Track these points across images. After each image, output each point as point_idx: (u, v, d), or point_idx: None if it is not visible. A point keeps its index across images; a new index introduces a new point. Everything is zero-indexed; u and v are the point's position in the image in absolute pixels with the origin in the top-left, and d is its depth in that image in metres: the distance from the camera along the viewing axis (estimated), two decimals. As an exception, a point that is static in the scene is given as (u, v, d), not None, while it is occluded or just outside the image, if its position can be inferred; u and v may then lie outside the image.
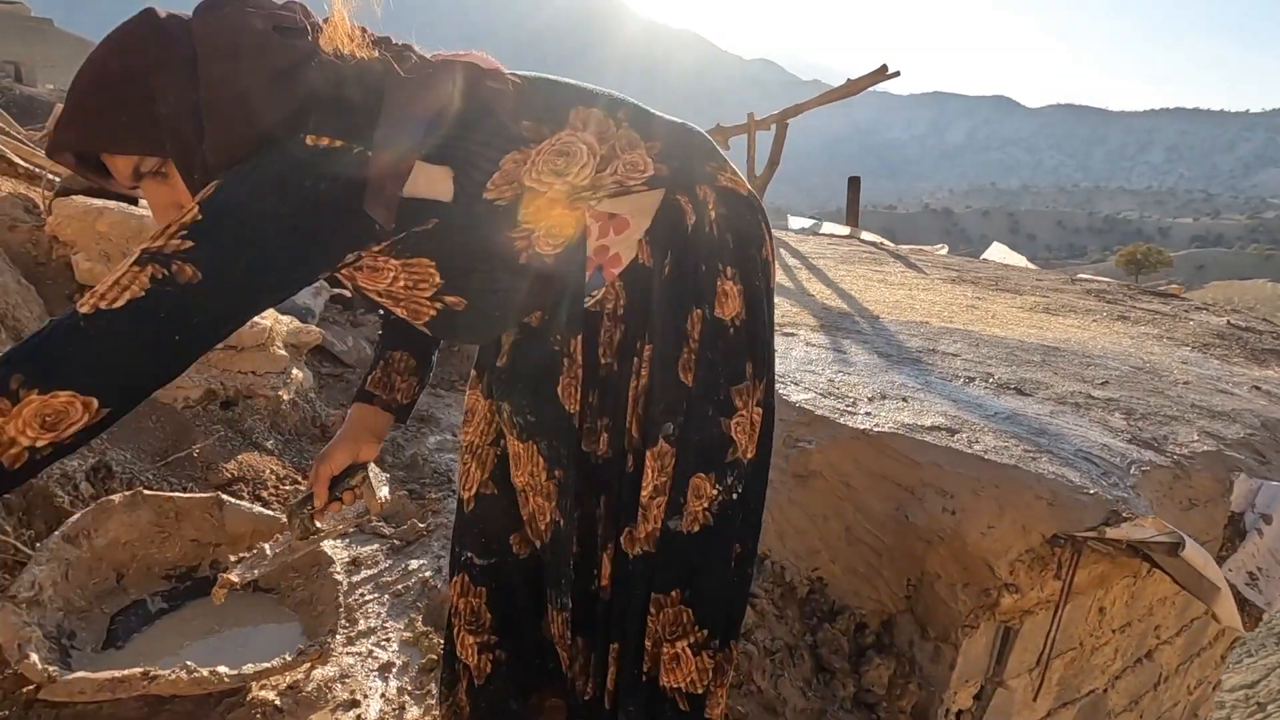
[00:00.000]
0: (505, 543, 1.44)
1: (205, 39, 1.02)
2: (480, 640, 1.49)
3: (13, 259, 2.58)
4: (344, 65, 1.06)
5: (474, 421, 1.45)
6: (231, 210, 0.97)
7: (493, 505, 1.43)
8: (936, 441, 2.13)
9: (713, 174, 1.27)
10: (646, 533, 1.32)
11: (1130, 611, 2.42)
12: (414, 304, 1.23)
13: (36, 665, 1.57)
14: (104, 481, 2.24)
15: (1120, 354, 3.34)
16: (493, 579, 1.47)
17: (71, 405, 0.91)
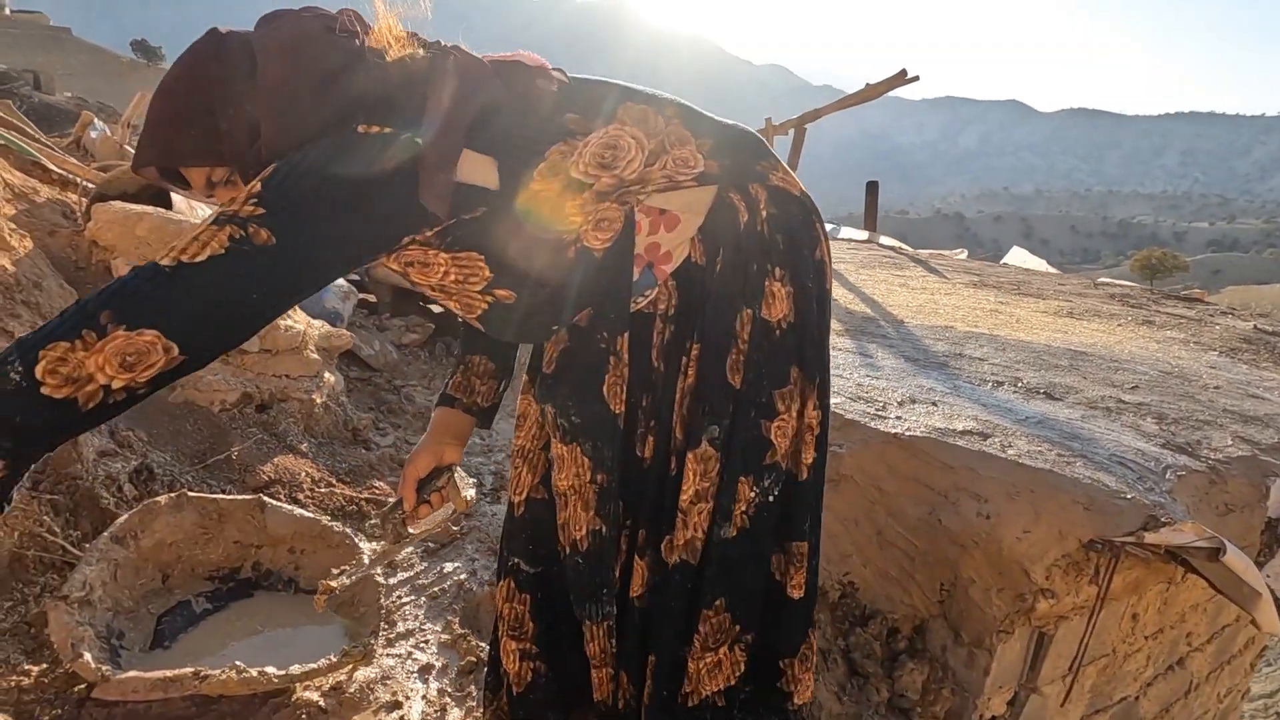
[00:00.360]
0: (553, 549, 1.42)
1: (262, 47, 1.08)
2: (522, 648, 1.49)
3: (54, 264, 2.62)
4: (391, 64, 1.11)
5: (525, 426, 1.46)
6: (292, 185, 1.02)
7: (543, 510, 1.42)
8: (969, 446, 2.14)
9: (764, 173, 1.27)
10: (685, 540, 1.31)
11: (1163, 618, 2.41)
12: (466, 298, 1.25)
13: (90, 664, 1.60)
14: (146, 483, 2.27)
15: (1148, 358, 3.33)
16: (538, 587, 1.45)
17: (154, 346, 0.94)
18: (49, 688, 1.70)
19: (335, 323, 3.69)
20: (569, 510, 1.34)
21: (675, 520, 1.31)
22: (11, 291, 2.22)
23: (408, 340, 4.27)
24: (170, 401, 2.65)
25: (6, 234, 2.40)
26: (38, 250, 2.55)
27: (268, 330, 2.90)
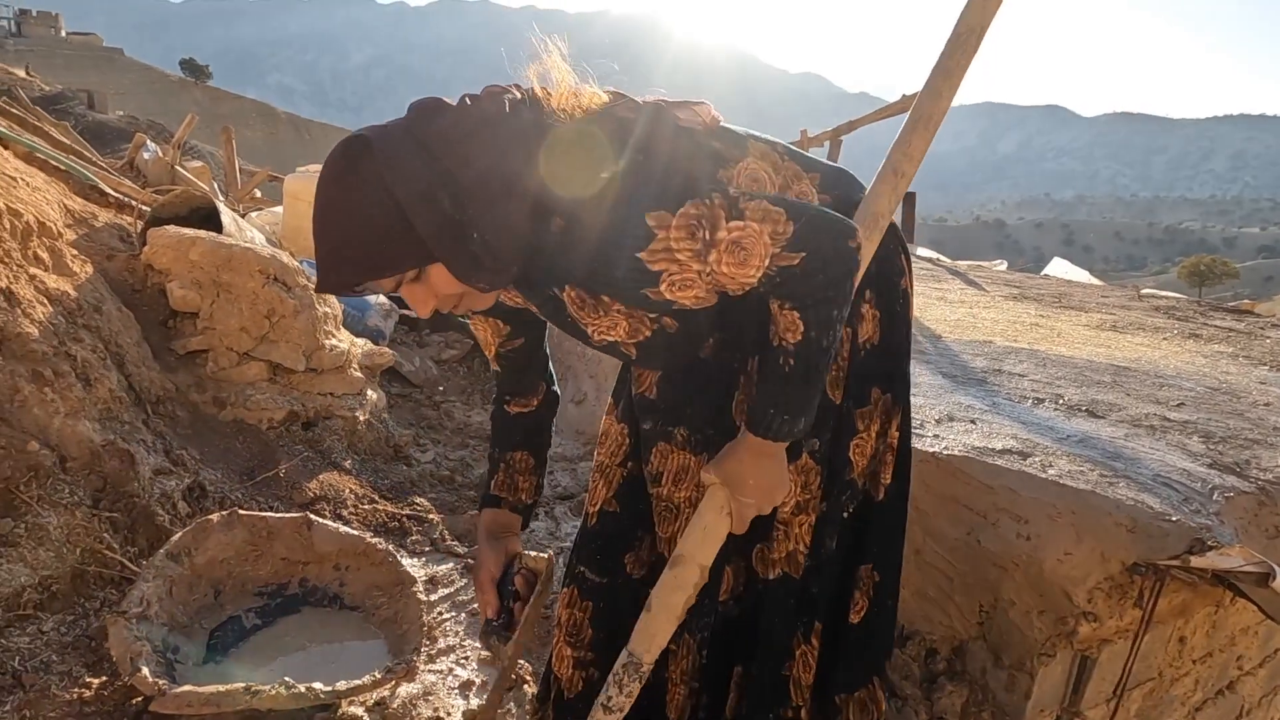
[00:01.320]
0: (619, 562, 1.49)
1: (440, 134, 1.01)
2: (577, 655, 1.52)
3: (112, 287, 2.73)
4: (582, 124, 1.10)
5: (606, 444, 1.51)
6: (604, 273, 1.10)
7: (613, 523, 1.48)
8: (1008, 465, 2.12)
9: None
10: (786, 552, 1.35)
11: (1211, 641, 2.36)
12: (638, 321, 1.25)
13: (148, 678, 1.66)
14: (199, 500, 2.35)
15: (1194, 374, 3.27)
16: (601, 597, 1.50)
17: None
18: (109, 700, 1.77)
19: (378, 340, 3.77)
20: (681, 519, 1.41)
21: (772, 532, 1.34)
22: (74, 316, 2.32)
23: (447, 356, 4.34)
24: (220, 420, 2.74)
25: (69, 259, 2.51)
26: (97, 274, 2.66)
27: (314, 350, 2.98)
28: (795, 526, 1.34)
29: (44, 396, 2.04)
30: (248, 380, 2.82)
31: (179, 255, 2.80)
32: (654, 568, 1.47)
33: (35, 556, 1.88)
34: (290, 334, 2.88)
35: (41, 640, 1.84)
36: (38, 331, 2.12)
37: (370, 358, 3.32)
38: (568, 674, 1.53)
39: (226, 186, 6.92)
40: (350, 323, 3.70)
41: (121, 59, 64.37)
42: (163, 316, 2.83)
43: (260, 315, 2.83)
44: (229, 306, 2.79)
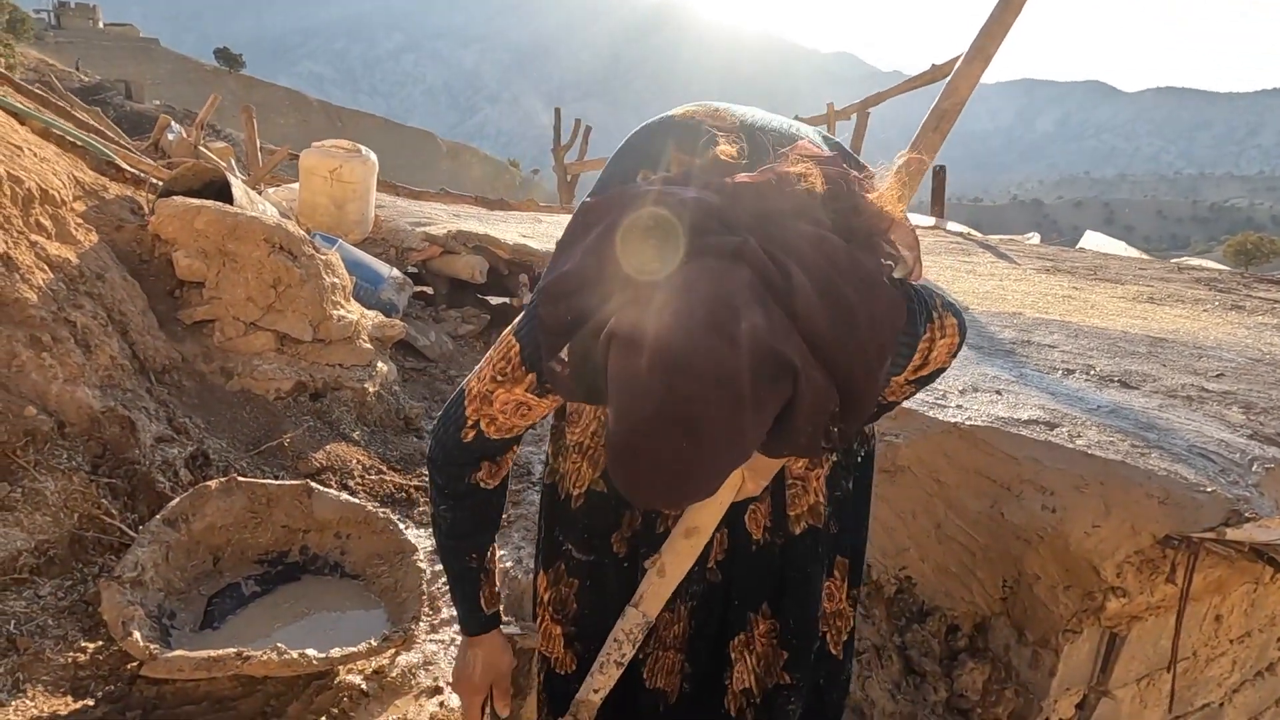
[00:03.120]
0: (607, 541, 1.43)
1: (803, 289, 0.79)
2: (566, 632, 1.48)
3: (119, 257, 2.72)
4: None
5: (580, 423, 1.44)
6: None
7: (601, 502, 1.41)
8: (1034, 436, 2.02)
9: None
10: (808, 506, 1.32)
11: (1250, 620, 2.25)
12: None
13: (139, 642, 1.64)
14: (202, 469, 2.33)
15: (1236, 345, 3.12)
16: (588, 575, 1.45)
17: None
18: (103, 664, 1.75)
19: (391, 314, 3.74)
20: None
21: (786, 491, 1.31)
22: (75, 283, 2.30)
23: (463, 331, 4.31)
24: (227, 390, 2.72)
25: (73, 227, 2.49)
26: (103, 244, 2.64)
27: (321, 320, 2.95)
28: (812, 480, 1.31)
29: (42, 362, 2.03)
30: (254, 350, 2.80)
31: (185, 224, 2.77)
32: (631, 545, 1.42)
33: (32, 521, 1.86)
34: (297, 304, 2.85)
35: (38, 605, 1.82)
36: (36, 297, 2.10)
37: (381, 330, 3.29)
38: (559, 653, 1.49)
39: (248, 165, 6.96)
40: (363, 295, 3.67)
41: (158, 49, 65.37)
42: (170, 286, 2.81)
43: (266, 285, 2.80)
44: (235, 276, 2.77)
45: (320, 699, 1.79)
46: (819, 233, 0.84)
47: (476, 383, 1.17)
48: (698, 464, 0.77)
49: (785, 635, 1.38)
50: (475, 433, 1.19)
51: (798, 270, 0.79)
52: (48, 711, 1.61)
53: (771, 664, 1.40)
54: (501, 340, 1.14)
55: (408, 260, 4.59)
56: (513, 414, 1.17)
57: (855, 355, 0.80)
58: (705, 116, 1.14)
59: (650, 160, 1.13)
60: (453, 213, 6.07)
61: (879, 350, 0.84)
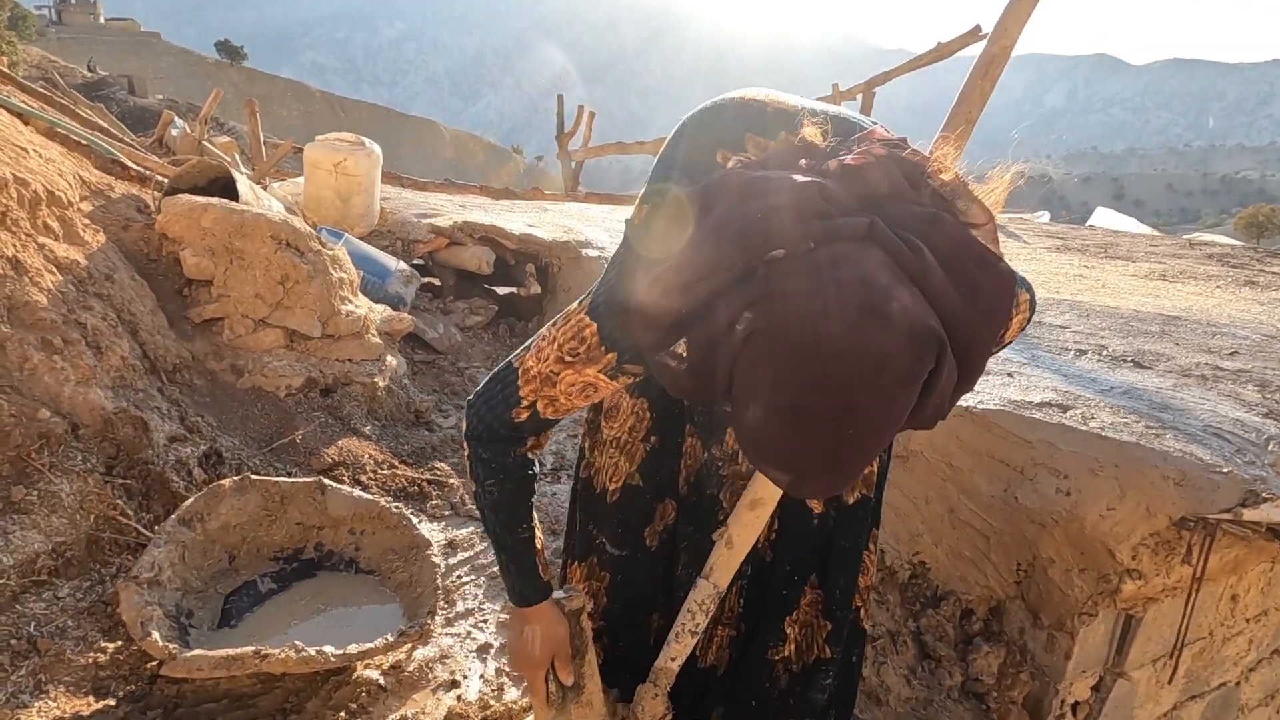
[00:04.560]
0: (640, 535, 1.43)
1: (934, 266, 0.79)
2: (596, 626, 1.49)
3: (127, 256, 2.72)
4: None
5: (618, 418, 1.42)
6: None
7: (636, 496, 1.42)
8: (1047, 418, 2.01)
9: None
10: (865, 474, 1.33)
11: (1266, 599, 2.24)
12: None
13: (158, 642, 1.65)
14: (215, 467, 2.34)
15: (1250, 321, 3.09)
16: (620, 569, 1.46)
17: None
18: (123, 665, 1.77)
19: (398, 307, 3.74)
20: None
21: None
22: (84, 284, 2.31)
23: (471, 323, 4.30)
24: (238, 387, 2.73)
25: (80, 228, 2.49)
26: (110, 244, 2.64)
27: (329, 316, 2.95)
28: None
29: (54, 364, 2.03)
30: (264, 347, 2.80)
31: (191, 223, 2.77)
32: (663, 539, 1.43)
33: (49, 523, 1.87)
34: (305, 300, 2.85)
35: (57, 606, 1.84)
36: (46, 300, 2.11)
37: (389, 324, 3.29)
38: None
39: (252, 160, 6.96)
40: (370, 289, 3.67)
41: (159, 43, 65.22)
42: (178, 285, 2.82)
43: (274, 281, 2.80)
44: (242, 273, 2.77)
45: (338, 695, 1.80)
46: (933, 212, 0.84)
47: (536, 363, 1.13)
48: (860, 446, 0.78)
49: (830, 606, 1.38)
50: (530, 413, 1.17)
51: (926, 249, 0.79)
52: (70, 712, 1.62)
53: (814, 635, 1.41)
54: (567, 319, 1.10)
55: (414, 252, 4.59)
56: (577, 395, 1.14)
57: (979, 330, 0.81)
58: (767, 101, 1.11)
59: (726, 141, 1.08)
60: (458, 203, 6.06)
61: (998, 325, 0.84)
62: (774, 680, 1.40)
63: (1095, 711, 2.00)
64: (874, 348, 0.73)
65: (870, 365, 0.73)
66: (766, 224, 0.79)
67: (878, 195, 0.84)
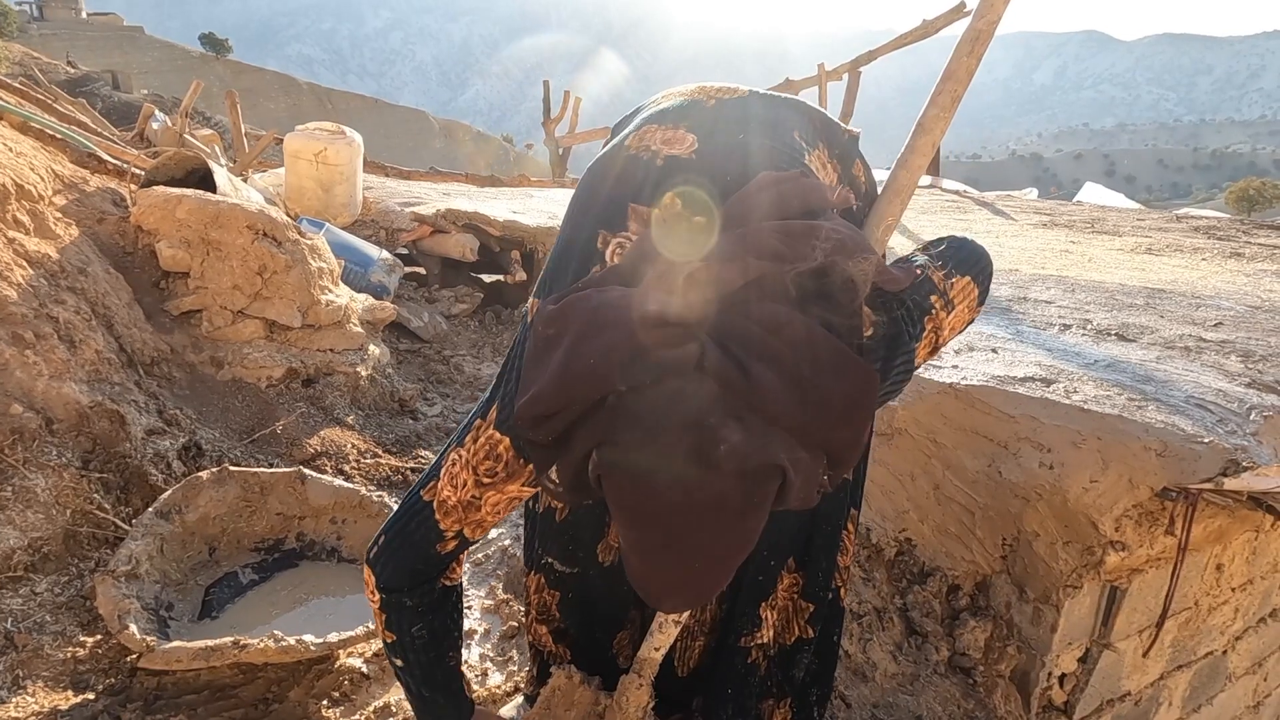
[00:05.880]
0: (592, 551, 1.39)
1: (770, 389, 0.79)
2: (553, 628, 1.46)
3: (102, 249, 2.69)
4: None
5: None
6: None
7: (587, 514, 1.37)
8: (1030, 393, 2.00)
9: None
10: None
11: (1252, 568, 2.24)
12: None
13: (136, 635, 1.63)
14: (195, 459, 2.32)
15: (1235, 293, 3.08)
16: (570, 587, 1.41)
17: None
18: (103, 658, 1.75)
19: (382, 296, 3.71)
20: None
21: None
22: (56, 278, 2.28)
23: (457, 311, 4.28)
24: (218, 379, 2.71)
25: (52, 222, 2.46)
26: (84, 237, 2.61)
27: (310, 306, 2.93)
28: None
29: (26, 359, 2.01)
30: (244, 339, 2.78)
31: (166, 214, 2.74)
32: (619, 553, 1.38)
33: (24, 519, 1.86)
34: (284, 290, 2.83)
35: (35, 601, 1.82)
36: (16, 294, 2.08)
37: (372, 313, 3.26)
38: (551, 646, 1.48)
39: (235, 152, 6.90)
40: (353, 279, 3.64)
41: (143, 37, 64.59)
42: (155, 278, 2.79)
43: (252, 272, 2.77)
44: (220, 264, 2.74)
45: (321, 683, 1.79)
46: (779, 315, 0.82)
47: (453, 492, 1.07)
48: (712, 573, 0.82)
49: (811, 588, 1.37)
50: (458, 541, 1.13)
51: (762, 369, 0.78)
52: (48, 707, 1.61)
53: (793, 618, 1.40)
54: (475, 436, 1.05)
55: (398, 241, 4.55)
56: (504, 510, 1.11)
57: (834, 433, 0.81)
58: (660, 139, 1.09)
59: (607, 215, 1.06)
60: (442, 191, 6.01)
61: (860, 422, 0.84)
62: (751, 666, 1.38)
63: (1082, 683, 2.00)
64: (705, 494, 0.75)
65: (704, 510, 0.75)
66: (606, 363, 0.79)
67: (731, 299, 0.83)
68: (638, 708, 1.30)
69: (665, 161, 1.07)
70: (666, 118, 1.13)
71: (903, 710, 1.96)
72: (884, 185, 1.25)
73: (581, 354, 0.81)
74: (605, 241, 1.04)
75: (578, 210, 1.13)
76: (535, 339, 0.89)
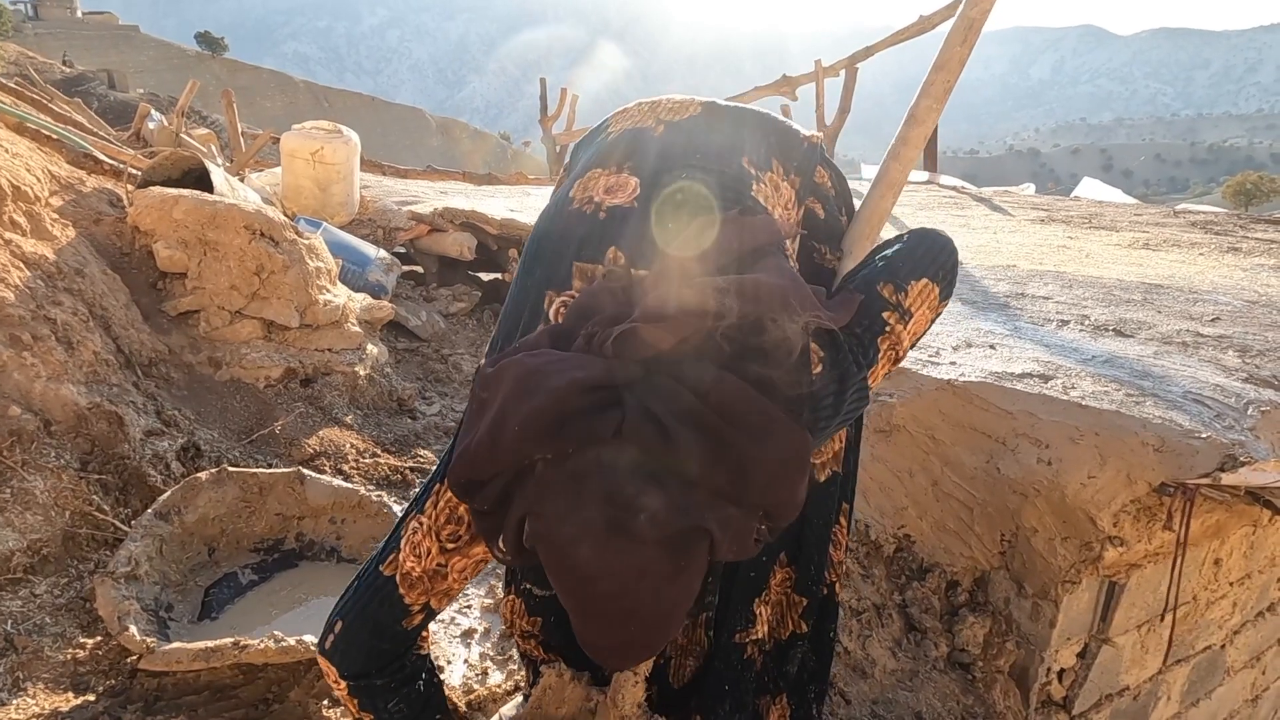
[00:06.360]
0: None
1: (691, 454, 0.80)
2: (540, 642, 1.44)
3: (99, 250, 2.68)
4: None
5: None
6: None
7: None
8: (1028, 389, 2.01)
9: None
10: (833, 453, 1.30)
11: (1250, 563, 2.25)
12: None
13: (135, 636, 1.64)
14: (193, 460, 2.32)
15: (1232, 288, 3.09)
16: (550, 611, 1.36)
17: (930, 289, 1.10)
18: (103, 660, 1.76)
19: (379, 295, 3.71)
20: None
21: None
22: (53, 279, 2.27)
23: (455, 309, 4.28)
24: (216, 380, 2.71)
25: (49, 223, 2.46)
26: (81, 238, 2.61)
27: (307, 305, 2.93)
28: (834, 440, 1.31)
29: (23, 361, 2.01)
30: (241, 339, 2.78)
31: (163, 215, 2.74)
32: None
33: (23, 520, 1.86)
34: (281, 290, 2.82)
35: (34, 603, 1.82)
36: (13, 296, 2.08)
37: (370, 312, 3.26)
38: (541, 655, 1.47)
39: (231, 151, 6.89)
40: (350, 278, 3.64)
41: (139, 36, 64.41)
42: (152, 279, 2.78)
43: (249, 272, 2.77)
44: (217, 265, 2.74)
45: (321, 683, 1.79)
46: (705, 378, 0.82)
47: (416, 562, 1.05)
48: (650, 634, 0.83)
49: (803, 582, 1.37)
50: (424, 615, 1.11)
51: (685, 433, 0.78)
52: (49, 708, 1.61)
53: (786, 613, 1.40)
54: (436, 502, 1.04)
55: (395, 240, 4.55)
56: (470, 574, 1.09)
57: (763, 495, 0.81)
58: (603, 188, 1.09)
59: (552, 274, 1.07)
60: (439, 190, 6.01)
61: (792, 484, 0.83)
62: (748, 662, 1.38)
63: (1081, 678, 2.00)
64: (626, 563, 0.76)
65: (630, 580, 0.77)
66: (529, 430, 0.79)
67: (661, 353, 0.84)
68: (633, 704, 1.30)
69: (607, 214, 1.08)
70: (611, 159, 1.14)
71: (902, 706, 1.96)
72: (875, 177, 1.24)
73: (507, 420, 0.81)
74: (550, 301, 1.05)
75: (526, 267, 1.14)
76: (471, 401, 0.90)
